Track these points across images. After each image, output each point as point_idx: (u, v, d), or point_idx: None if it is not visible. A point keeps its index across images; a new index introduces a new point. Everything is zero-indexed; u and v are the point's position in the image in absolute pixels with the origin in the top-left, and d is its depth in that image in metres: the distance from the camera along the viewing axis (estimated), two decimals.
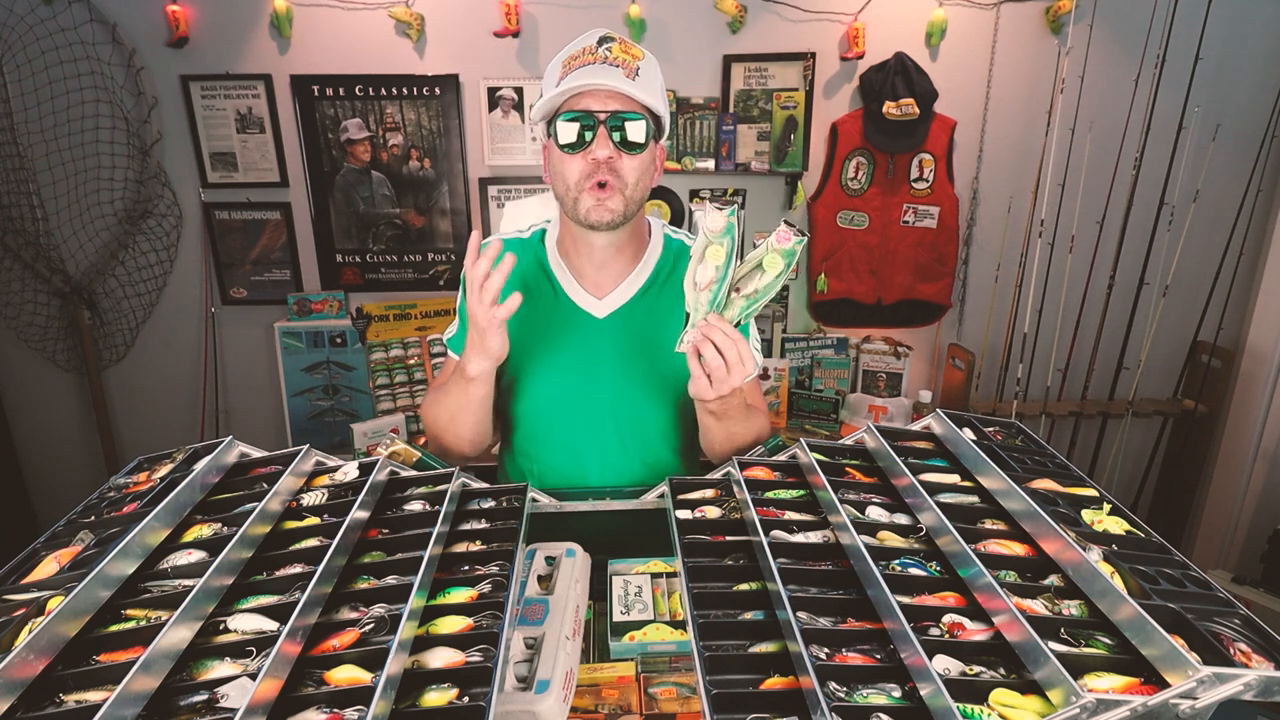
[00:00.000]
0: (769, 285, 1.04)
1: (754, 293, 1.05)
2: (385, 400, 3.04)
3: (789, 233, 1.03)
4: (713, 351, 1.05)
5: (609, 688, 0.95)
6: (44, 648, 0.65)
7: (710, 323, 1.04)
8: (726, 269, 1.03)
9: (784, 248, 1.03)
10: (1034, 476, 0.95)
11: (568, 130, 1.16)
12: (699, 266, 1.04)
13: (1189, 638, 0.67)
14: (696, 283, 1.05)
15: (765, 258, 1.03)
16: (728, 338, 1.04)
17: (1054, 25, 2.76)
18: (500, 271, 1.10)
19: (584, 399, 1.31)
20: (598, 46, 1.19)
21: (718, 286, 1.04)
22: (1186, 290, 2.90)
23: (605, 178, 1.17)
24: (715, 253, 1.03)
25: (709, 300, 1.05)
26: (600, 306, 1.30)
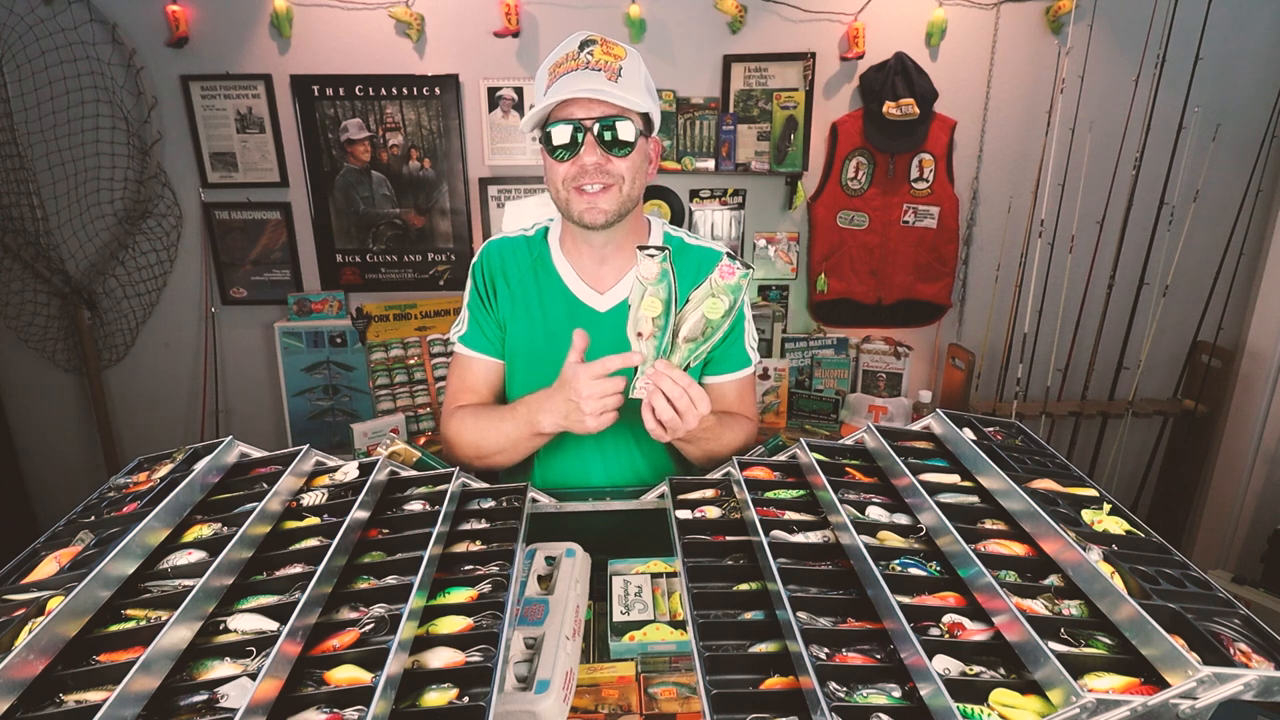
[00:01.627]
0: (713, 326, 1.04)
1: (698, 337, 1.05)
2: (385, 400, 3.04)
3: (731, 267, 1.02)
4: (663, 402, 1.05)
5: (609, 688, 0.95)
6: (44, 648, 0.65)
7: (659, 370, 1.04)
8: (666, 317, 1.03)
9: (727, 283, 1.02)
10: (1034, 476, 0.95)
11: (557, 138, 1.19)
12: (637, 316, 1.04)
13: (1189, 638, 0.67)
14: (637, 334, 1.05)
15: (706, 302, 1.03)
16: (676, 385, 1.04)
17: (1054, 25, 2.76)
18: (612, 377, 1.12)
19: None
20: (579, 51, 1.20)
21: (660, 335, 1.04)
22: (1186, 290, 2.90)
23: (597, 180, 1.19)
24: (651, 304, 1.02)
25: (654, 347, 1.04)
26: (602, 301, 1.32)
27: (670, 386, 1.05)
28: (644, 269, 1.02)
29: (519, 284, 1.35)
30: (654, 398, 1.06)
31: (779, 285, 3.12)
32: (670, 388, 1.05)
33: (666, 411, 1.06)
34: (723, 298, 1.03)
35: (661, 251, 1.02)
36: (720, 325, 1.05)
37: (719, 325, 1.05)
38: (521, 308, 1.34)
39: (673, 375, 1.04)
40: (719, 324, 1.05)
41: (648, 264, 1.01)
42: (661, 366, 1.04)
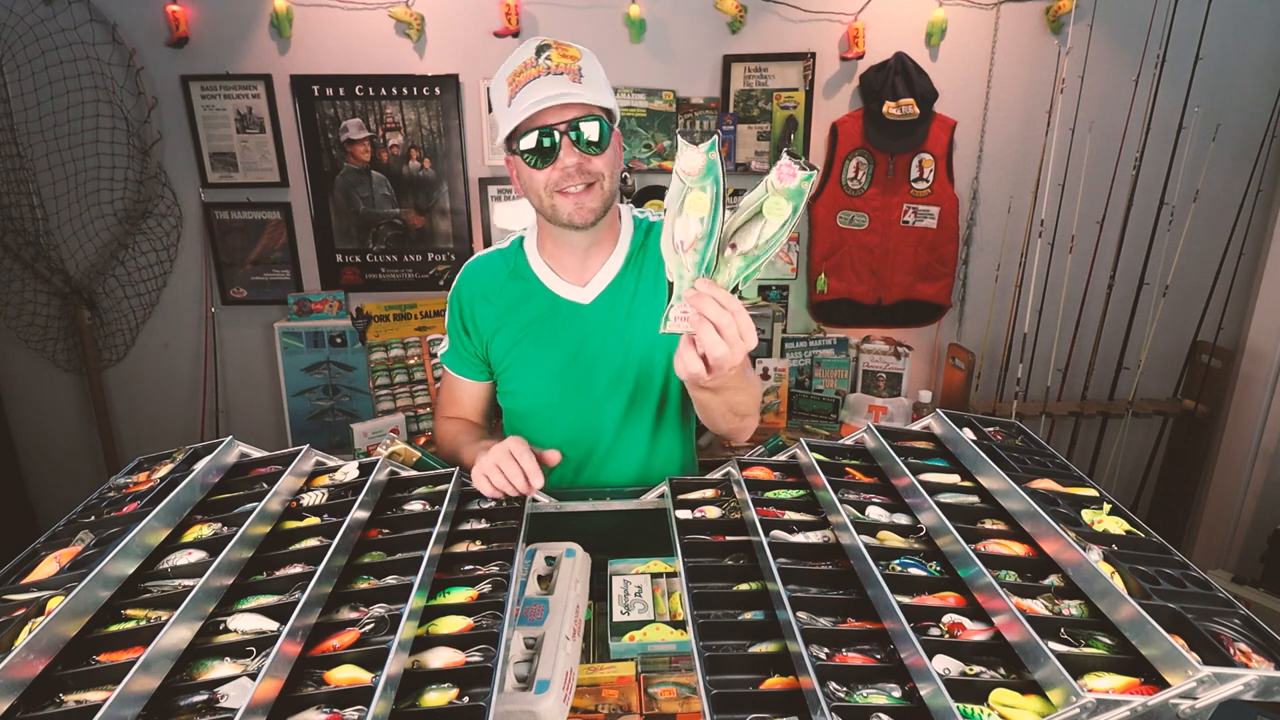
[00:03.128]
0: (774, 237, 0.83)
1: (754, 248, 0.84)
2: (385, 400, 3.04)
3: (792, 166, 0.80)
4: (711, 332, 0.85)
5: (609, 688, 0.95)
6: (44, 648, 0.65)
7: (700, 291, 0.85)
8: (714, 221, 0.83)
9: (788, 186, 0.81)
10: (1034, 476, 0.95)
11: (533, 146, 1.17)
12: (677, 221, 0.84)
13: (1189, 638, 0.67)
14: (679, 242, 0.84)
15: (765, 201, 0.82)
16: (724, 309, 0.85)
17: (1054, 25, 2.76)
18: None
19: (583, 383, 1.33)
20: (537, 58, 1.17)
21: (704, 244, 0.84)
22: (1186, 290, 2.90)
23: (579, 181, 1.19)
24: (697, 201, 0.82)
25: (695, 263, 0.85)
26: (585, 293, 1.33)
27: (716, 311, 0.85)
28: (685, 161, 0.82)
29: (499, 297, 1.36)
30: (700, 328, 0.85)
31: (779, 285, 3.12)
32: (716, 312, 0.85)
33: (712, 338, 0.85)
34: (784, 202, 0.82)
35: (708, 138, 0.83)
36: (781, 236, 0.84)
37: (779, 236, 0.84)
38: (506, 320, 1.35)
39: (718, 296, 0.85)
40: (779, 235, 0.84)
41: (690, 154, 0.82)
42: (703, 286, 0.85)
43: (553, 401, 1.34)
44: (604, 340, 1.31)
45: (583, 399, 1.33)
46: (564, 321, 1.32)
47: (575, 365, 1.32)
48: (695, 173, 0.82)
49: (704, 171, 0.82)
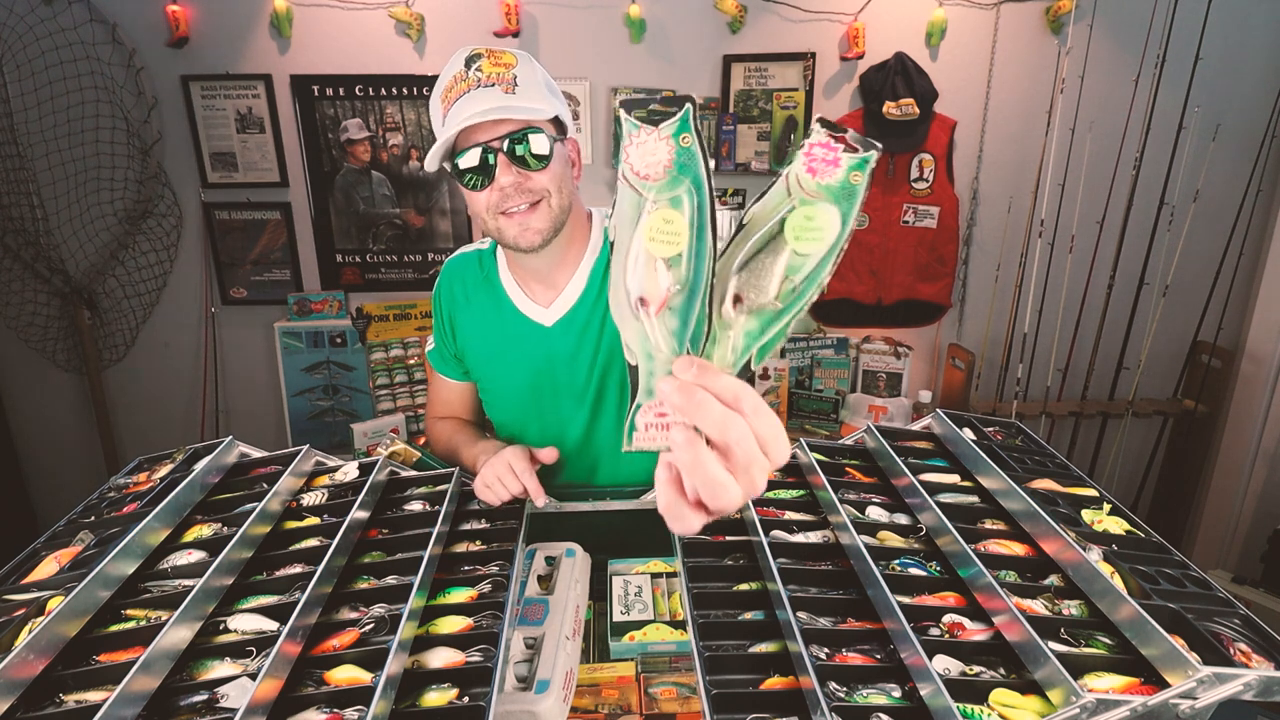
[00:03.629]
0: (811, 276, 0.47)
1: (776, 298, 0.48)
2: (385, 400, 3.04)
3: (832, 147, 0.45)
4: (702, 455, 0.47)
5: (609, 688, 0.95)
6: (44, 648, 0.65)
7: (681, 383, 0.47)
8: (698, 257, 0.47)
9: (827, 183, 0.45)
10: (1034, 476, 0.95)
11: (466, 166, 1.10)
12: (634, 262, 0.48)
13: (1189, 638, 0.67)
14: (637, 300, 0.48)
15: (790, 215, 0.46)
16: (729, 411, 0.46)
17: (1054, 25, 2.76)
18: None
19: (548, 408, 1.30)
20: (467, 70, 1.09)
21: (685, 300, 0.48)
22: (1186, 290, 2.90)
23: (520, 200, 1.11)
24: (663, 225, 0.47)
25: (672, 333, 0.48)
26: (547, 315, 1.27)
27: (717, 419, 0.46)
28: (639, 156, 0.47)
29: (475, 302, 1.33)
30: (687, 452, 0.47)
31: None
32: (717, 421, 0.46)
33: (717, 484, 0.47)
34: (822, 212, 0.46)
35: (677, 109, 0.46)
36: (822, 274, 0.47)
37: (819, 274, 0.47)
38: (477, 331, 1.33)
39: (716, 387, 0.47)
40: (820, 271, 0.47)
41: (645, 146, 0.47)
42: (685, 369, 0.47)
43: (519, 417, 1.33)
44: (567, 364, 1.27)
45: (546, 417, 1.31)
46: (527, 343, 1.28)
47: (538, 387, 1.29)
48: (657, 175, 0.46)
49: (673, 172, 0.46)
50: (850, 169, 0.46)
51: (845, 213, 0.46)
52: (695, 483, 0.48)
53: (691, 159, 0.47)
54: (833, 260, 0.47)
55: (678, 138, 0.47)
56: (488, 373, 1.35)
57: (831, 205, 0.46)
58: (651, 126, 0.47)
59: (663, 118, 0.46)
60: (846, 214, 0.46)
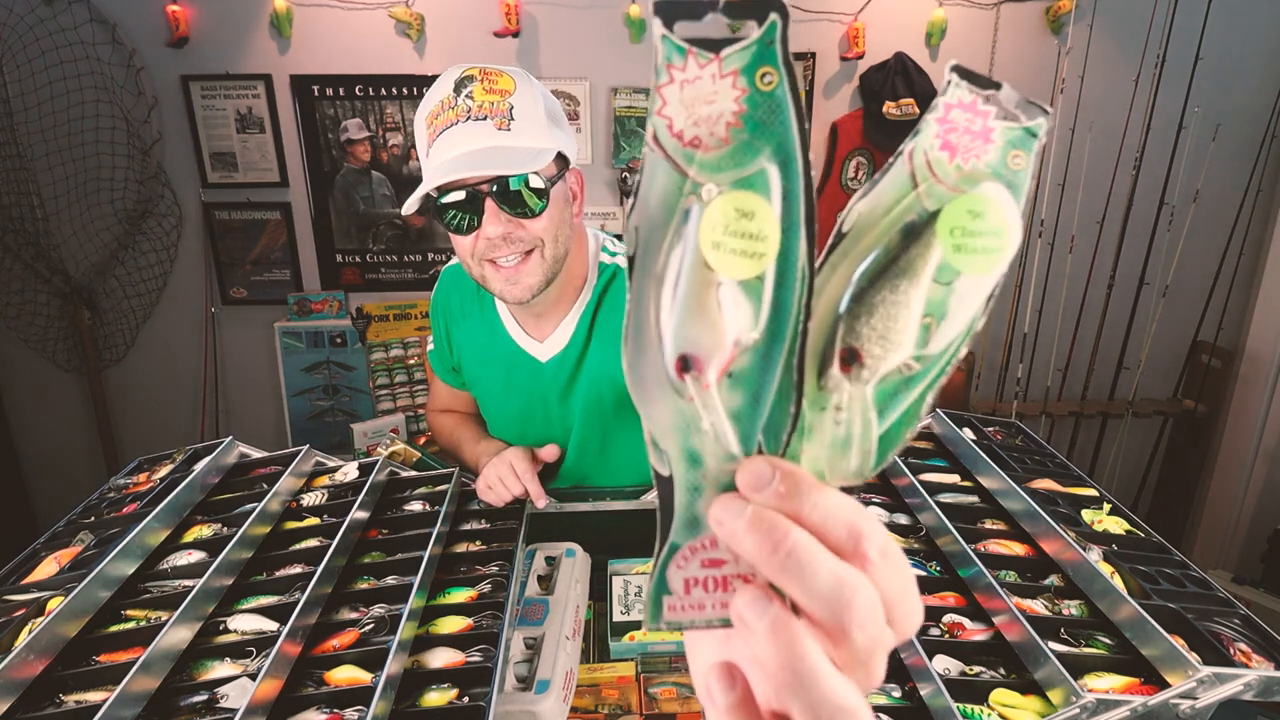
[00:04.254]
0: (970, 324, 0.29)
1: (914, 360, 0.30)
2: (385, 400, 3.04)
3: (980, 111, 0.29)
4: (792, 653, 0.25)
5: (609, 688, 0.95)
6: (44, 648, 0.65)
7: (754, 526, 0.26)
8: (787, 282, 0.28)
9: (979, 166, 0.28)
10: (1034, 476, 0.95)
11: (449, 204, 0.95)
12: (670, 297, 0.28)
13: (1189, 637, 0.67)
14: (676, 360, 0.28)
15: (946, 215, 0.28)
16: (837, 577, 0.26)
17: (1054, 25, 2.76)
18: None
19: (540, 434, 1.27)
20: (456, 96, 0.94)
21: (761, 358, 0.28)
22: (1186, 290, 2.90)
23: (510, 252, 0.98)
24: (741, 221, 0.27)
25: (736, 417, 0.28)
26: (542, 350, 1.20)
27: (820, 577, 0.25)
28: (680, 108, 0.27)
29: (470, 319, 1.27)
30: (762, 643, 0.26)
31: None
32: (822, 583, 0.25)
33: (803, 691, 0.25)
34: (994, 202, 0.28)
35: (755, 20, 0.26)
36: (977, 310, 0.29)
37: (976, 312, 0.29)
38: (473, 348, 1.28)
39: (818, 518, 0.27)
40: (978, 309, 0.29)
41: (691, 89, 0.27)
42: (760, 481, 0.27)
43: (509, 437, 1.30)
44: (559, 399, 1.23)
45: (537, 439, 1.26)
46: (520, 373, 1.22)
47: (529, 415, 1.26)
48: (716, 140, 0.27)
49: (744, 134, 0.27)
50: (1009, 145, 0.29)
51: (1006, 211, 0.29)
52: (781, 691, 0.26)
53: (777, 111, 0.27)
54: (994, 283, 0.28)
55: (753, 74, 0.27)
56: (481, 392, 1.33)
57: (1003, 189, 0.28)
58: (708, 53, 0.26)
59: (725, 42, 0.26)
60: (1008, 210, 0.29)
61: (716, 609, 0.29)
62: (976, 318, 0.29)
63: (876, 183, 0.30)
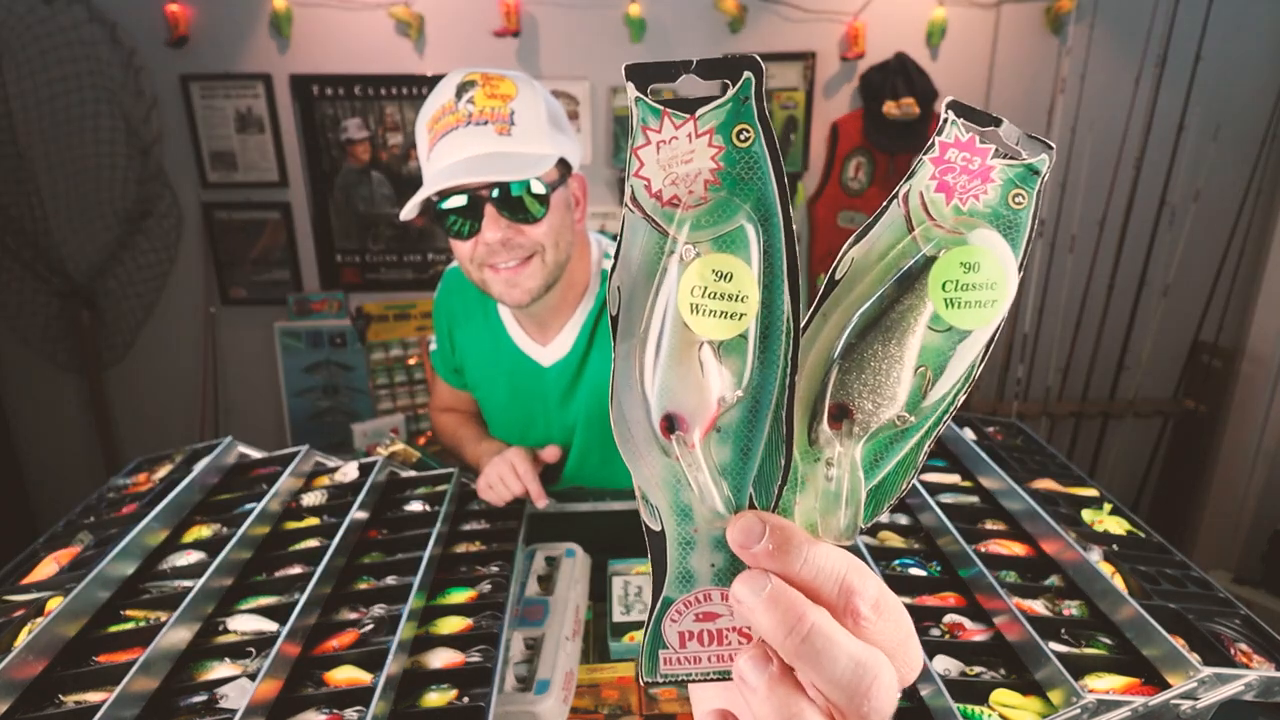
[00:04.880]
0: (963, 379, 0.29)
1: (907, 413, 0.29)
2: (385, 400, 3.04)
3: (977, 150, 0.28)
4: (787, 712, 0.27)
5: (609, 688, 0.95)
6: (43, 648, 0.65)
7: (748, 586, 0.27)
8: (772, 338, 0.28)
9: (978, 208, 0.28)
10: (1034, 476, 0.95)
11: (449, 209, 0.95)
12: (652, 358, 0.28)
13: (1189, 638, 0.67)
14: (661, 420, 0.28)
15: (938, 268, 0.28)
16: (828, 636, 0.26)
17: (1054, 25, 2.76)
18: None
19: (539, 438, 1.28)
20: (458, 100, 0.94)
21: (747, 414, 0.28)
22: (1187, 290, 2.90)
23: (509, 257, 0.98)
24: (720, 282, 0.27)
25: (725, 473, 0.29)
26: (545, 355, 1.20)
27: (813, 638, 0.26)
28: (658, 168, 0.28)
29: (473, 322, 1.28)
30: (758, 701, 0.27)
31: None
32: (813, 643, 0.26)
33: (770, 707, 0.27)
34: (987, 251, 0.27)
35: (729, 79, 0.29)
36: (973, 364, 0.28)
37: (972, 365, 0.29)
38: (475, 351, 1.29)
39: (809, 574, 0.27)
40: (974, 363, 0.29)
41: (667, 149, 0.29)
42: (750, 537, 0.28)
43: (510, 439, 1.31)
44: (559, 405, 1.24)
45: (541, 444, 1.27)
46: (521, 378, 1.23)
47: (529, 420, 1.27)
48: (694, 198, 0.28)
49: (722, 191, 0.28)
50: (1010, 184, 0.28)
51: (1005, 265, 0.27)
52: None
53: (755, 167, 0.27)
54: (989, 334, 0.28)
55: (729, 132, 0.27)
56: (483, 395, 1.34)
57: (997, 235, 0.28)
58: (683, 114, 0.28)
59: (700, 103, 0.28)
60: (1006, 267, 0.27)
61: (713, 661, 0.29)
62: (975, 365, 0.28)
63: (870, 227, 0.29)
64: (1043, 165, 0.28)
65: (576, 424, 1.23)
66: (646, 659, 0.30)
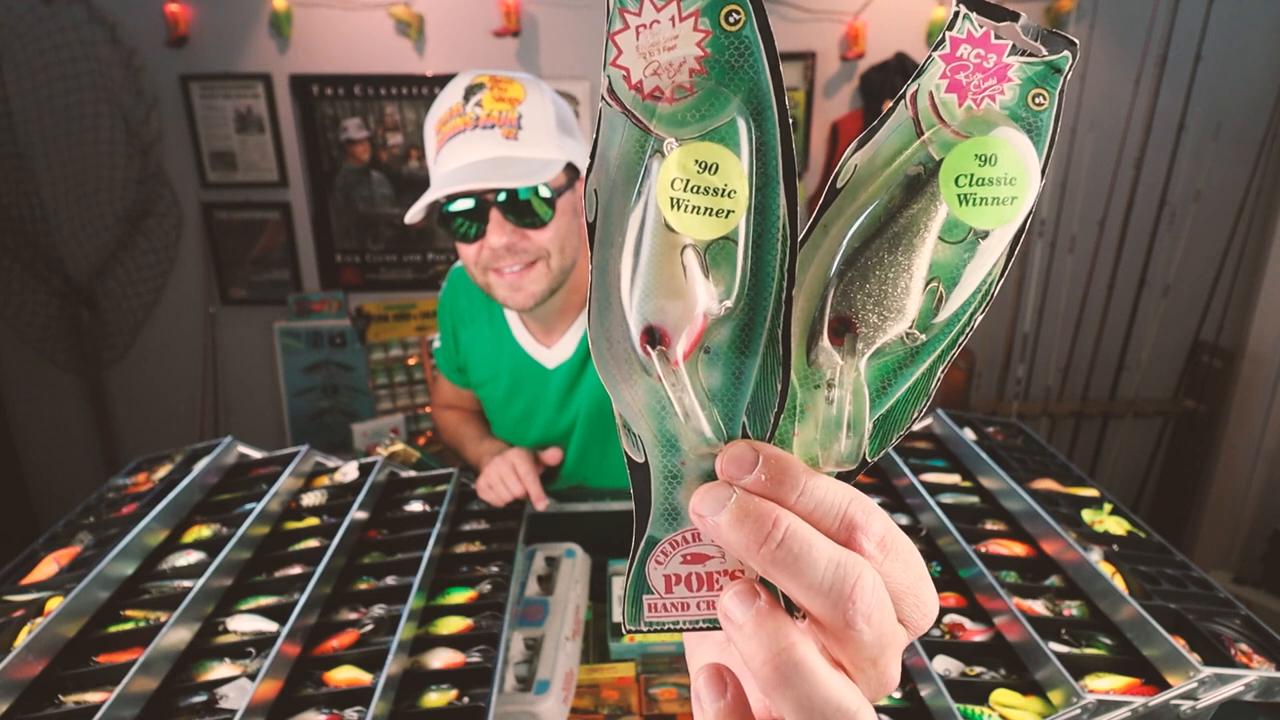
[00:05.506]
0: (986, 284, 0.26)
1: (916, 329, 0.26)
2: (385, 400, 3.04)
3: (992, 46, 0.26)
4: (787, 657, 0.23)
5: (609, 688, 0.95)
6: (43, 649, 0.65)
7: (740, 516, 0.24)
8: (766, 243, 0.25)
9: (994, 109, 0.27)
10: (1035, 477, 0.95)
11: (455, 212, 0.95)
12: (629, 265, 0.25)
13: (1190, 638, 0.66)
14: (641, 333, 0.25)
15: (950, 162, 0.25)
16: (835, 566, 0.24)
17: (1054, 25, 2.76)
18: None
19: (537, 439, 1.28)
20: (465, 103, 0.93)
21: (740, 330, 0.25)
22: (1187, 290, 2.90)
23: (514, 261, 0.97)
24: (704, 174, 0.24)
25: (714, 397, 0.26)
26: (550, 356, 1.20)
27: (816, 569, 0.23)
28: (636, 56, 0.24)
29: (478, 322, 1.28)
30: (749, 644, 0.24)
31: None
32: (818, 576, 0.23)
33: (803, 702, 0.23)
34: (1006, 145, 0.26)
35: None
36: (1002, 265, 0.26)
37: (993, 273, 0.26)
38: (480, 350, 1.29)
39: (809, 506, 0.25)
40: (994, 270, 0.26)
41: (648, 34, 0.24)
42: (743, 466, 0.25)
43: (513, 443, 1.31)
44: (563, 406, 1.24)
45: (542, 443, 1.27)
46: (526, 380, 1.24)
47: (533, 422, 1.27)
48: (678, 88, 0.24)
49: (708, 81, 0.24)
50: (1029, 83, 0.26)
51: (1026, 158, 0.27)
52: (768, 691, 0.23)
53: (747, 53, 0.24)
54: (1008, 237, 0.25)
55: (717, 13, 0.24)
56: (486, 395, 1.34)
57: (1018, 131, 0.26)
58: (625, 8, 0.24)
59: None
60: (1030, 158, 0.27)
61: (702, 608, 0.27)
62: (993, 280, 0.26)
63: (875, 131, 0.26)
64: (1065, 62, 0.27)
65: (576, 422, 1.23)
66: (629, 606, 0.27)
